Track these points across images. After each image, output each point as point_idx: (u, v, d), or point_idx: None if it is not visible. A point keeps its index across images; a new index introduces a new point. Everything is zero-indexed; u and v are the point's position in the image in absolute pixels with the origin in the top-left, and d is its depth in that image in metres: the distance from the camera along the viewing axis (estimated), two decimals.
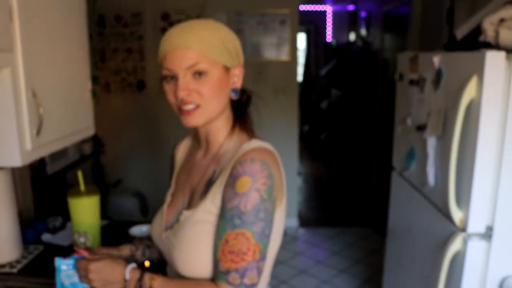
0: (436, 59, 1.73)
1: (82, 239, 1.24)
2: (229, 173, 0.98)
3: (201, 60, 0.99)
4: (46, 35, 1.42)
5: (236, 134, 1.08)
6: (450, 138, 1.54)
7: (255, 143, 1.03)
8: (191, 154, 1.21)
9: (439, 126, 1.68)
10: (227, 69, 1.04)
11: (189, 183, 1.14)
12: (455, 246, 1.53)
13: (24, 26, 1.26)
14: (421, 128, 1.88)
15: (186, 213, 1.06)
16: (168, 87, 1.03)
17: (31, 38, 1.31)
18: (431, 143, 1.77)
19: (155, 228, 1.17)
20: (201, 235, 1.01)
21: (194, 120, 1.03)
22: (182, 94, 0.99)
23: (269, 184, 0.95)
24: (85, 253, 1.13)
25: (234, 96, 1.08)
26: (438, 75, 1.71)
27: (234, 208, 0.94)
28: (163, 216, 1.15)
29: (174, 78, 1.01)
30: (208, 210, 1.01)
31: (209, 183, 1.05)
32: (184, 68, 0.99)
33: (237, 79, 1.07)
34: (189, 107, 1.01)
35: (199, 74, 0.99)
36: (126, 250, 1.30)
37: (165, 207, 1.17)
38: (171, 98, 1.03)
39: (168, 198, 1.19)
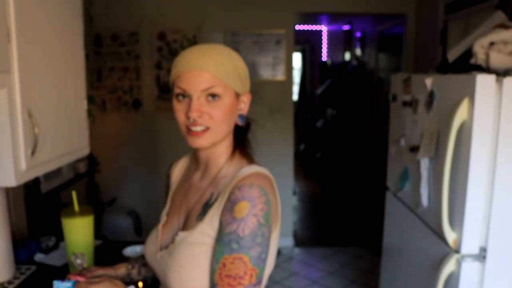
0: (429, 81, 1.75)
1: (79, 261, 1.23)
2: (227, 197, 0.98)
3: (216, 84, 1.01)
4: (43, 56, 1.43)
5: (236, 159, 1.09)
6: (443, 159, 1.56)
7: (253, 169, 1.03)
8: (188, 174, 1.20)
9: (432, 147, 1.69)
10: (237, 95, 1.06)
11: (185, 204, 1.14)
12: (449, 267, 1.54)
13: (21, 47, 1.27)
14: (414, 149, 1.89)
15: (181, 234, 1.05)
16: (179, 106, 1.04)
17: (28, 59, 1.32)
18: (424, 164, 1.78)
19: (149, 247, 1.16)
20: (197, 256, 1.01)
21: (201, 141, 1.04)
22: (194, 115, 1.00)
23: (266, 209, 0.96)
24: (81, 279, 1.12)
25: (241, 122, 1.10)
26: (431, 97, 1.73)
27: (232, 232, 0.95)
28: (158, 236, 1.15)
29: (186, 98, 1.03)
30: (204, 232, 1.01)
31: (207, 206, 1.06)
32: (199, 90, 1.01)
33: (244, 105, 1.10)
34: (198, 128, 1.02)
35: (212, 96, 1.01)
36: (122, 269, 1.30)
37: (160, 226, 1.16)
38: (181, 116, 1.04)
39: (164, 218, 1.18)
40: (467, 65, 1.65)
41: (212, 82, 1.01)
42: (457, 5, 3.05)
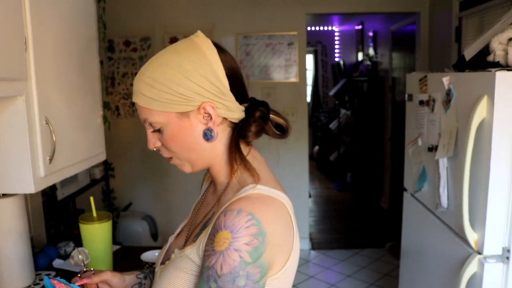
0: (446, 80, 1.73)
1: (80, 256, 1.20)
2: (214, 222, 0.83)
3: (149, 115, 0.90)
4: (59, 64, 1.44)
5: (239, 174, 0.91)
6: (462, 158, 1.53)
7: (255, 189, 0.85)
8: (209, 186, 1.08)
9: (450, 147, 1.67)
10: (185, 114, 0.88)
11: (196, 218, 1.03)
12: (471, 268, 1.51)
13: (38, 55, 1.29)
14: (432, 149, 1.87)
15: (177, 252, 0.94)
16: None
17: (45, 66, 1.33)
18: (443, 164, 1.75)
19: (158, 258, 1.07)
20: (178, 284, 0.88)
21: (180, 168, 0.96)
22: (150, 147, 0.95)
23: (256, 244, 0.77)
24: (87, 280, 1.10)
25: (208, 139, 0.90)
26: (448, 95, 1.71)
27: (211, 267, 0.77)
28: (165, 247, 1.07)
29: None
30: (192, 258, 0.87)
31: (204, 226, 0.92)
32: (142, 121, 0.93)
33: (206, 117, 0.89)
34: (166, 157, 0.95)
35: (154, 129, 0.92)
36: (132, 277, 1.19)
37: (171, 237, 1.08)
38: None
39: (178, 229, 1.09)
40: (485, 62, 1.63)
41: (145, 112, 0.90)
42: (472, 2, 3.01)
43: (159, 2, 3.89)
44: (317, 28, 7.70)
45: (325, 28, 7.75)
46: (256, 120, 0.91)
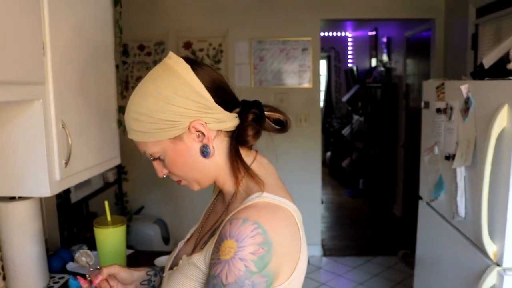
0: (464, 88, 1.70)
1: (84, 259, 1.19)
2: (220, 230, 0.82)
3: (144, 147, 0.93)
4: (76, 68, 1.45)
5: (245, 183, 0.91)
6: (481, 167, 1.51)
7: (262, 197, 0.84)
8: (219, 193, 1.07)
9: (469, 155, 1.64)
10: (177, 138, 0.89)
11: (205, 225, 1.03)
12: (490, 281, 1.48)
13: (55, 60, 1.29)
14: (449, 157, 1.84)
15: (184, 259, 0.93)
16: None
17: (62, 71, 1.34)
18: (461, 173, 1.73)
19: (167, 263, 1.07)
20: None
21: (190, 188, 0.98)
22: (160, 175, 0.98)
23: (261, 254, 0.76)
24: (101, 277, 1.10)
25: (206, 155, 0.90)
26: (467, 103, 1.68)
27: (216, 276, 0.77)
28: (174, 252, 1.06)
29: None
30: (199, 266, 0.86)
31: (212, 234, 0.91)
32: (143, 154, 0.96)
33: (199, 135, 0.89)
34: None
35: (155, 159, 0.95)
36: (141, 273, 1.19)
37: (182, 243, 1.07)
38: None
39: (188, 235, 1.08)
40: (505, 70, 1.60)
41: (141, 146, 0.93)
42: (489, 9, 2.97)
43: (173, 7, 3.91)
44: (331, 34, 7.68)
45: (339, 34, 7.73)
46: (250, 124, 0.91)
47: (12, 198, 1.55)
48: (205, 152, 0.90)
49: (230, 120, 0.91)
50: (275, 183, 0.91)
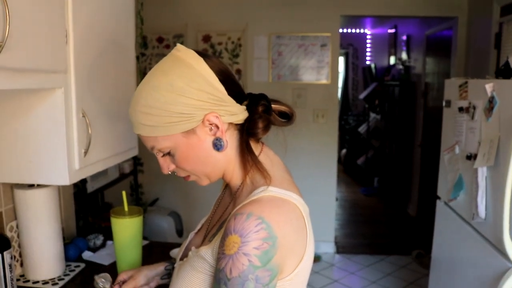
0: (489, 87, 1.67)
1: (101, 283, 1.20)
2: (225, 225, 0.82)
3: (153, 142, 0.89)
4: (97, 57, 1.45)
5: (251, 175, 0.90)
6: (504, 168, 1.48)
7: (267, 192, 0.83)
8: (228, 185, 1.06)
9: (491, 156, 1.61)
10: (190, 131, 0.87)
11: (214, 216, 1.03)
12: (510, 283, 1.45)
13: (77, 48, 1.29)
14: (471, 157, 1.81)
15: (193, 251, 0.93)
16: None
17: (84, 60, 1.34)
18: (482, 173, 1.69)
19: (178, 254, 1.07)
20: (194, 284, 0.88)
21: (198, 184, 0.96)
22: (165, 172, 0.94)
23: (266, 248, 0.76)
24: None
25: (219, 149, 0.89)
26: (491, 102, 1.65)
27: (221, 270, 0.78)
28: (185, 243, 1.07)
29: None
30: (207, 259, 0.87)
31: (221, 227, 0.91)
32: (149, 150, 0.92)
33: (212, 128, 0.88)
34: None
35: (164, 154, 0.91)
36: (160, 267, 1.25)
37: (192, 233, 1.07)
38: None
39: (199, 225, 1.08)
40: None
41: (150, 141, 0.90)
42: None
43: (193, 0, 3.91)
44: (349, 31, 7.61)
45: (357, 31, 7.66)
46: (261, 115, 0.90)
47: (31, 186, 1.56)
48: (218, 145, 0.88)
49: (241, 113, 0.90)
50: (281, 176, 0.90)
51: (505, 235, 1.47)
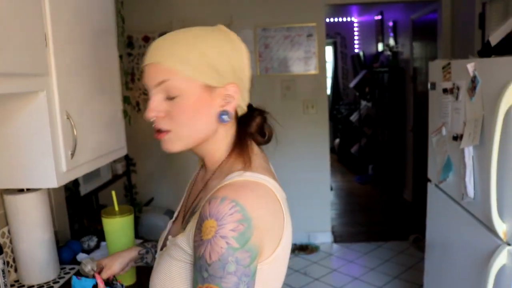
0: (471, 66, 1.68)
1: (89, 267, 1.21)
2: (200, 211, 0.81)
3: (172, 77, 0.85)
4: (78, 58, 1.45)
5: (232, 160, 0.91)
6: (489, 147, 1.49)
7: (241, 176, 0.84)
8: (200, 169, 1.08)
9: (476, 135, 1.62)
10: (209, 88, 0.86)
11: (188, 202, 1.02)
12: (500, 260, 1.47)
13: (57, 51, 1.29)
14: (457, 137, 1.82)
15: (170, 240, 0.93)
16: (147, 105, 0.90)
17: (64, 62, 1.34)
18: (469, 153, 1.71)
19: (158, 244, 1.07)
20: (176, 273, 0.88)
21: (167, 146, 0.90)
22: (150, 115, 0.89)
23: (241, 230, 0.76)
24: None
25: (223, 121, 0.89)
26: (474, 82, 1.66)
27: (201, 257, 0.77)
28: (165, 233, 1.05)
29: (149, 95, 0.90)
30: (183, 247, 0.86)
31: (192, 213, 0.90)
32: (154, 85, 0.87)
33: (227, 99, 0.88)
34: (160, 130, 0.89)
35: (169, 97, 0.87)
36: (133, 252, 1.27)
37: (170, 223, 1.06)
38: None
39: (175, 214, 1.07)
40: None
41: (167, 75, 0.85)
42: None
43: None
44: (336, 20, 7.61)
45: (344, 19, 7.66)
46: (260, 115, 0.95)
47: (21, 191, 1.56)
48: (223, 116, 0.88)
49: (245, 105, 0.94)
50: (258, 163, 0.90)
51: (493, 213, 1.49)
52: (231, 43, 0.89)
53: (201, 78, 0.85)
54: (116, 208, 1.55)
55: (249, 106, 0.96)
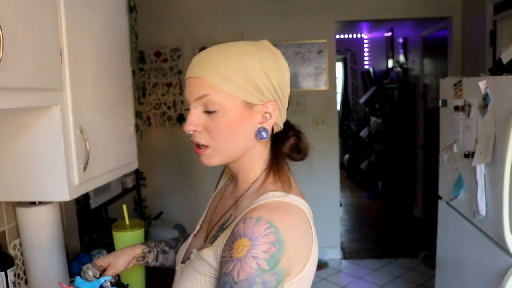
0: (482, 84, 1.68)
1: (90, 273, 1.20)
2: (233, 229, 0.82)
3: (213, 92, 0.85)
4: (93, 74, 1.47)
5: (269, 180, 0.91)
6: (501, 164, 1.48)
7: (276, 197, 0.85)
8: (228, 183, 1.08)
9: (488, 152, 1.61)
10: (249, 105, 0.87)
11: (214, 216, 1.03)
12: None
13: (72, 66, 1.31)
14: (468, 155, 1.81)
15: (195, 253, 0.94)
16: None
17: (79, 77, 1.36)
18: (480, 170, 1.70)
19: (178, 256, 1.07)
20: (197, 286, 0.88)
21: (206, 160, 0.91)
22: (189, 128, 0.89)
23: (273, 252, 0.77)
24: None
25: (262, 138, 0.89)
26: (485, 100, 1.66)
27: (228, 274, 0.78)
28: (186, 246, 1.06)
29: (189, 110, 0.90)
30: (209, 262, 0.87)
31: (221, 229, 0.92)
32: (194, 99, 0.88)
33: (266, 116, 0.89)
34: (199, 145, 0.91)
35: (208, 111, 0.87)
36: (137, 250, 1.24)
37: (191, 236, 1.07)
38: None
39: (197, 226, 1.08)
40: None
41: (208, 90, 0.85)
42: (507, 4, 2.93)
43: (188, 13, 3.94)
44: (346, 36, 7.65)
45: (354, 36, 7.69)
46: (295, 135, 0.95)
47: (33, 203, 1.58)
48: (264, 134, 0.89)
49: (282, 123, 0.94)
50: (295, 186, 0.92)
51: (506, 231, 1.47)
52: (274, 61, 0.90)
53: (242, 95, 0.86)
54: (127, 222, 1.56)
55: (286, 123, 0.96)
